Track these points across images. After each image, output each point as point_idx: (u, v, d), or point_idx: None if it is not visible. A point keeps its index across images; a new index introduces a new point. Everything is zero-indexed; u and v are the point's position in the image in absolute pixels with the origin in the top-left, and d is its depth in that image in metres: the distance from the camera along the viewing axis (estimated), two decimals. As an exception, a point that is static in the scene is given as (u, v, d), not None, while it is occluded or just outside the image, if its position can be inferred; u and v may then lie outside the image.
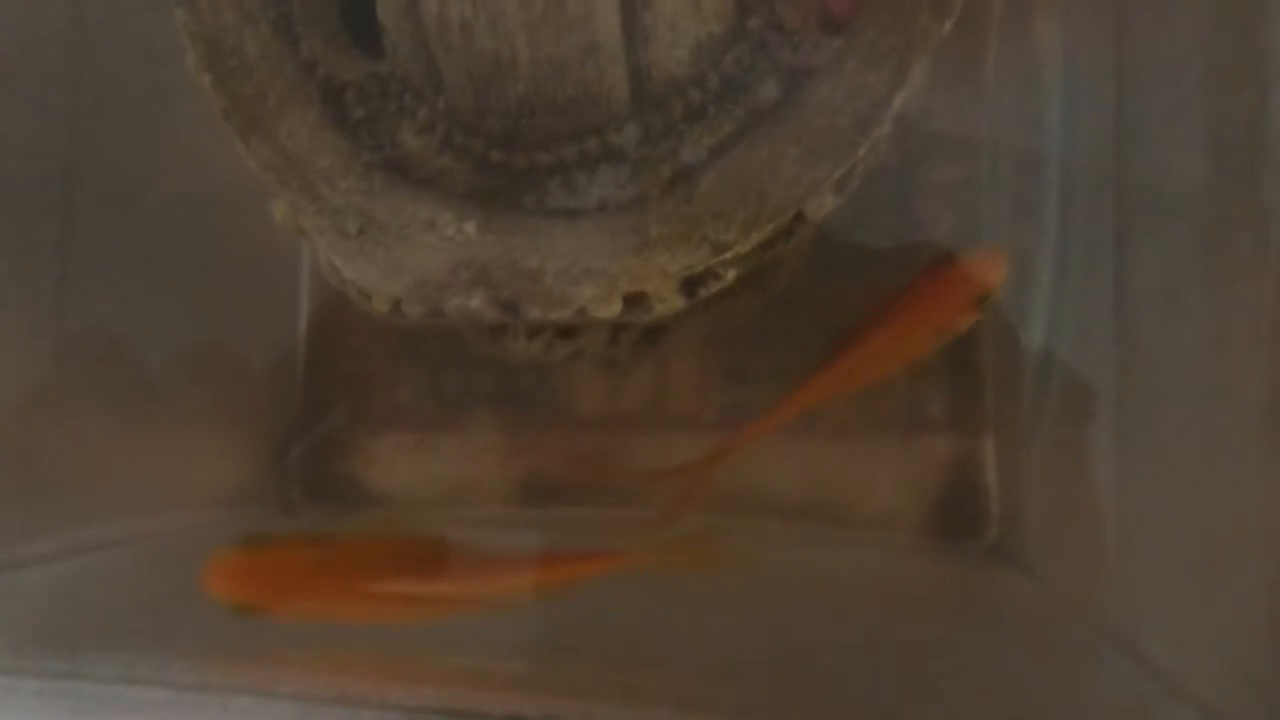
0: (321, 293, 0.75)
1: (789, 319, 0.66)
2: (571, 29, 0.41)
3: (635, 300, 0.41)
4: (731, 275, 0.42)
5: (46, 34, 0.55)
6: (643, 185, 0.45)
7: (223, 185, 0.69)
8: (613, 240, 0.42)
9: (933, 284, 0.53)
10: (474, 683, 0.41)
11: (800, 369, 0.59)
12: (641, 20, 0.43)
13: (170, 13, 0.49)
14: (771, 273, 0.54)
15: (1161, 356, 0.43)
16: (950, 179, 0.68)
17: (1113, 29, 0.52)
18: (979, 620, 0.56)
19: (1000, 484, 0.66)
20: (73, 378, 0.60)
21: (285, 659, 0.44)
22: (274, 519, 0.74)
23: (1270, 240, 0.32)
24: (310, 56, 0.48)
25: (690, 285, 0.42)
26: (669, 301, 0.41)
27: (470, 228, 0.43)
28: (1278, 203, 0.34)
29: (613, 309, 0.40)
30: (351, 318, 0.75)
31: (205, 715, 0.38)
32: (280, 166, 0.45)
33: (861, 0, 0.46)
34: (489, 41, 0.42)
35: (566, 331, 0.47)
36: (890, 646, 0.48)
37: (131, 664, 0.41)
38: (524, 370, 0.71)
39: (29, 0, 0.54)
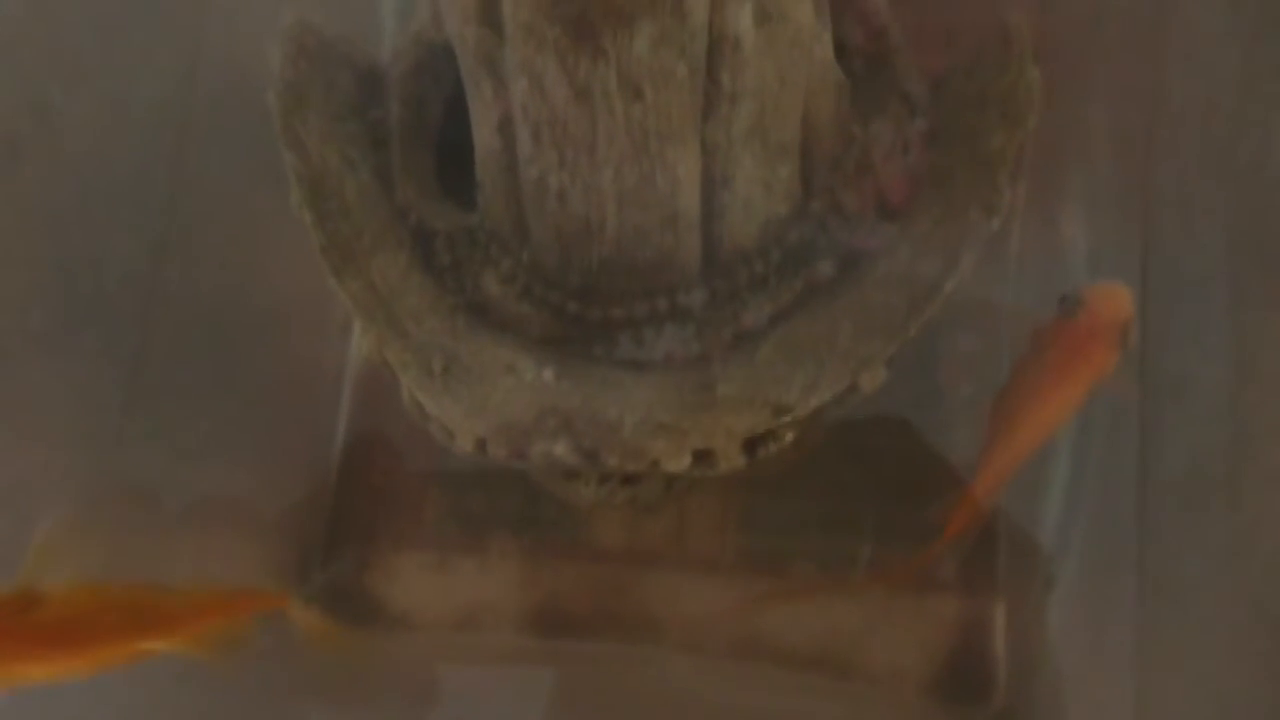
0: (360, 411, 0.78)
1: (808, 470, 0.68)
2: (658, 201, 0.45)
3: (702, 456, 0.43)
4: (790, 437, 0.45)
5: (151, 163, 0.59)
6: (706, 344, 0.48)
7: (280, 306, 0.72)
8: (681, 397, 0.44)
9: (1074, 337, 0.51)
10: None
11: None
12: (720, 198, 0.46)
13: (253, 153, 0.53)
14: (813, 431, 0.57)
15: (1185, 550, 0.45)
16: (972, 349, 0.71)
17: (1140, 230, 0.55)
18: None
19: (1010, 650, 0.67)
20: (123, 481, 0.62)
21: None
22: (291, 628, 0.75)
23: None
24: (404, 203, 0.52)
25: (752, 445, 0.45)
26: (733, 459, 0.44)
27: (549, 374, 0.46)
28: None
29: (683, 463, 0.43)
30: (386, 435, 0.78)
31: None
32: (370, 302, 0.49)
33: (916, 192, 0.50)
34: (581, 208, 0.45)
35: (629, 479, 0.49)
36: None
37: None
38: (547, 499, 0.73)
39: (142, 131, 0.58)
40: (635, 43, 0.41)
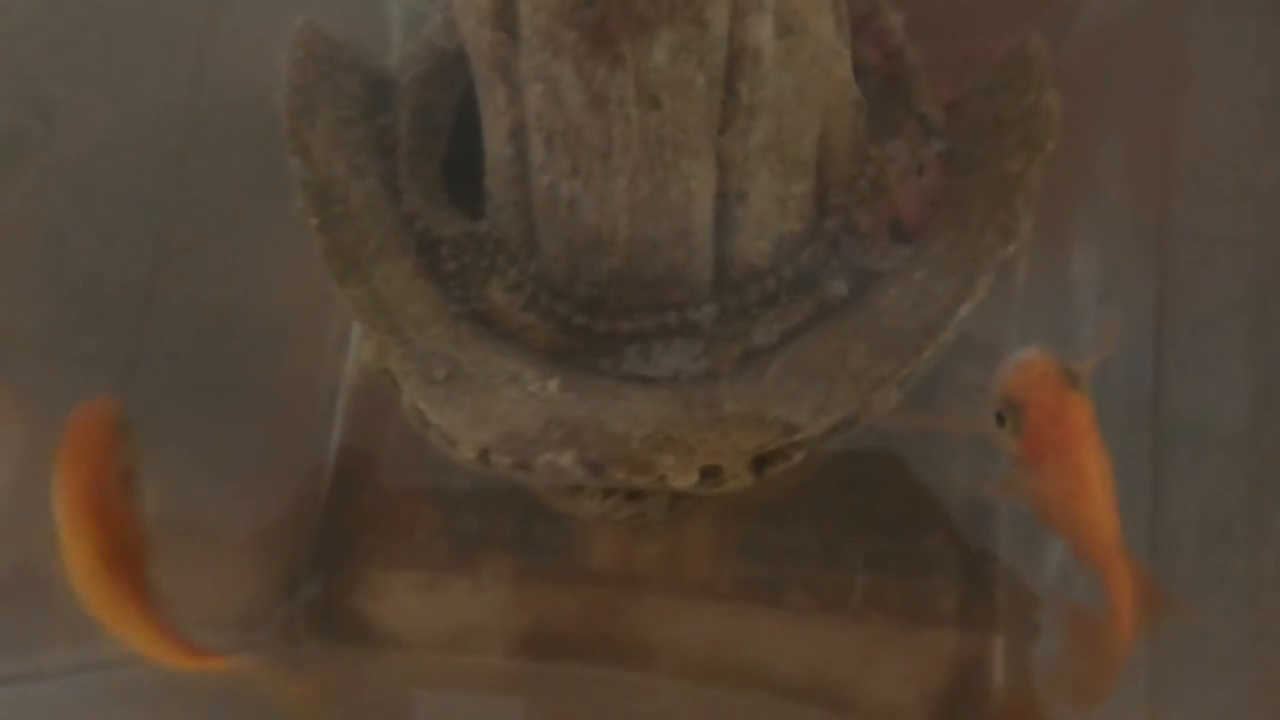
0: (353, 428, 0.77)
1: (805, 497, 0.68)
2: (671, 214, 0.44)
3: (710, 473, 0.42)
4: (799, 457, 0.44)
5: (153, 169, 0.58)
6: (715, 361, 0.47)
7: (277, 320, 0.71)
8: (689, 413, 0.43)
9: (1049, 437, 0.46)
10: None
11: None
12: (734, 213, 0.46)
13: (256, 163, 0.52)
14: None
15: (1204, 585, 0.44)
16: (975, 381, 0.70)
17: (1154, 261, 0.55)
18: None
19: (1008, 688, 0.66)
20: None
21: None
22: (276, 646, 0.73)
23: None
24: (410, 210, 0.51)
25: (760, 463, 0.44)
26: (741, 477, 0.43)
27: (553, 385, 0.45)
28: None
29: (690, 479, 0.42)
30: (378, 453, 0.77)
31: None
32: (372, 309, 0.48)
33: (931, 214, 0.49)
34: (592, 217, 0.45)
35: (635, 494, 0.48)
36: None
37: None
38: (541, 520, 0.72)
39: (146, 135, 0.57)
40: (654, 51, 0.40)
